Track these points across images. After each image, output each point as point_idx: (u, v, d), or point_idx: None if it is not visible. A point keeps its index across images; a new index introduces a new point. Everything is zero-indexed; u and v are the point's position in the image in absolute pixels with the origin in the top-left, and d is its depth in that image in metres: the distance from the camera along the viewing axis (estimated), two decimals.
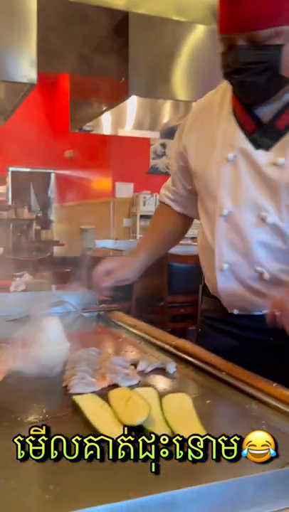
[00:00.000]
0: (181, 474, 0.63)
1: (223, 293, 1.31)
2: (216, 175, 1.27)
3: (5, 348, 1.23)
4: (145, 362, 1.13)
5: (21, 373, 1.09)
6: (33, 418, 0.86)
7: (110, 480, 0.64)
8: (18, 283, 2.04)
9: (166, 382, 1.06)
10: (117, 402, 0.86)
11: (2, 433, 0.79)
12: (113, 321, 1.66)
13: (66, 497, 0.60)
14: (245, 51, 1.10)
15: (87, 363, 1.10)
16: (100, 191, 8.50)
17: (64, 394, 0.98)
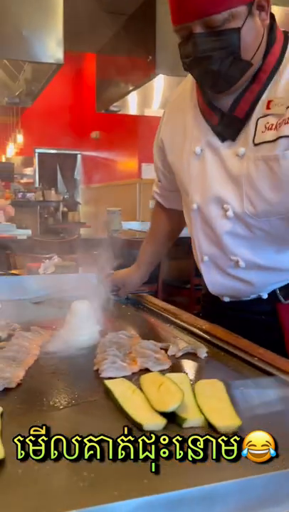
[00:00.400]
0: (213, 468, 0.62)
1: (210, 283, 1.36)
2: (186, 169, 1.29)
3: (36, 331, 1.23)
4: (176, 346, 1.12)
5: (53, 356, 1.10)
6: (65, 402, 0.86)
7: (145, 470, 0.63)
8: (47, 265, 2.05)
9: (197, 368, 1.05)
10: (149, 388, 0.85)
11: (36, 419, 0.79)
12: (142, 303, 1.66)
13: (100, 485, 0.59)
14: (203, 38, 1.05)
15: (118, 347, 1.10)
16: (126, 172, 8.47)
17: (95, 378, 0.98)
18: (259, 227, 1.20)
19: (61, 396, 0.89)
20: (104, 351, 1.07)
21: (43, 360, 1.07)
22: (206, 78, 1.15)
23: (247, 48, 1.08)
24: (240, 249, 1.24)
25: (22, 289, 1.73)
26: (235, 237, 1.24)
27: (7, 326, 1.26)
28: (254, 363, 1.04)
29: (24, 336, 1.18)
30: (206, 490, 0.55)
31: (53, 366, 1.04)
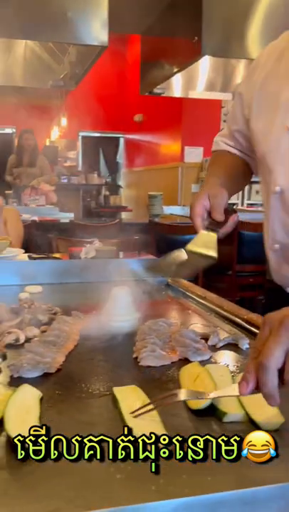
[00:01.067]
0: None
1: (275, 272, 1.28)
2: (275, 145, 1.14)
3: (76, 316, 1.24)
4: (217, 336, 1.10)
5: (92, 342, 1.10)
6: (103, 390, 0.85)
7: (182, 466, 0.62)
8: (88, 249, 2.06)
9: (238, 359, 1.02)
10: (185, 382, 0.84)
11: (74, 406, 0.79)
12: (182, 290, 1.64)
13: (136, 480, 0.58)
14: None
15: (157, 335, 1.09)
16: (169, 156, 8.39)
17: (134, 366, 0.97)
18: None
19: (100, 383, 0.88)
20: (144, 339, 1.06)
21: (82, 346, 1.07)
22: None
23: None
24: None
25: (63, 273, 1.74)
26: None
27: (48, 310, 1.27)
28: None
29: (65, 320, 1.19)
30: (248, 493, 0.53)
31: (92, 352, 1.04)
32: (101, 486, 0.57)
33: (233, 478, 0.57)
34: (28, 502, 0.54)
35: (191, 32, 4.09)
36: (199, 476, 0.58)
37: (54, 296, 1.46)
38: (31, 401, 0.76)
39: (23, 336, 1.09)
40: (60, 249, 2.76)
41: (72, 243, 2.53)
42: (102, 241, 2.22)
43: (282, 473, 0.58)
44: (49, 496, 0.55)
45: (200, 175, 7.79)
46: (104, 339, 1.12)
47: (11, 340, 1.07)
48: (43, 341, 1.04)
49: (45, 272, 1.72)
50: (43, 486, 0.57)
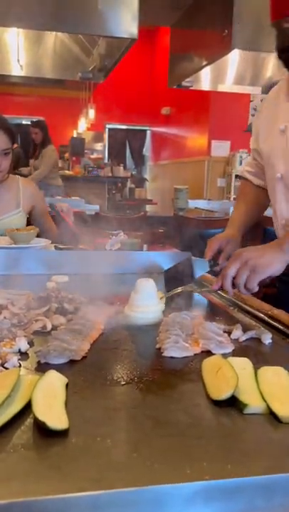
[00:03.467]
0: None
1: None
2: (274, 144, 1.50)
3: (102, 306, 1.26)
4: (240, 330, 1.11)
5: (116, 331, 1.12)
6: (127, 378, 0.87)
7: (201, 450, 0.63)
8: (113, 241, 2.08)
9: (260, 354, 1.03)
10: (208, 373, 0.86)
11: (98, 392, 0.82)
12: (205, 284, 1.64)
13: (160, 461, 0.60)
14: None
15: (180, 327, 1.10)
16: (195, 149, 8.35)
17: (157, 356, 0.99)
18: None
19: (123, 372, 0.90)
20: (167, 330, 1.07)
21: (106, 335, 1.10)
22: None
23: None
24: None
25: (89, 264, 1.76)
26: None
27: (74, 299, 1.30)
28: None
29: (90, 310, 1.21)
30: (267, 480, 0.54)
31: (116, 341, 1.06)
32: (123, 467, 0.59)
33: (253, 465, 0.58)
34: (55, 481, 0.56)
35: (221, 25, 4.05)
36: (219, 464, 0.59)
37: (80, 286, 1.48)
38: (57, 386, 0.78)
39: (50, 324, 1.12)
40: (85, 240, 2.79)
41: (98, 235, 2.56)
42: (127, 233, 2.23)
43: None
44: (74, 475, 0.57)
45: (226, 169, 7.73)
46: (128, 329, 1.14)
47: (38, 327, 1.10)
48: (69, 329, 1.06)
49: (71, 262, 1.75)
50: (69, 466, 0.59)
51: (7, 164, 2.20)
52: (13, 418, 0.69)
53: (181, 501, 0.54)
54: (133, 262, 1.81)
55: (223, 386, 0.78)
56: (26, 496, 0.52)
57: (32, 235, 2.07)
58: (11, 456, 0.61)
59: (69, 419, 0.68)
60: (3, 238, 2.08)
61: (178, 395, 0.81)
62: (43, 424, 0.66)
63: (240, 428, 0.71)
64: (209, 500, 0.54)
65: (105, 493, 0.53)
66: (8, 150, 2.17)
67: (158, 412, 0.74)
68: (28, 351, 0.98)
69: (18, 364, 0.90)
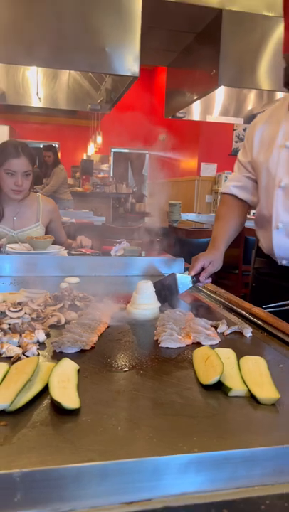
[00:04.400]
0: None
1: (276, 248, 1.48)
2: (276, 157, 1.46)
3: (107, 303, 1.26)
4: (225, 325, 1.11)
5: (120, 325, 1.12)
6: (129, 365, 0.87)
7: (193, 427, 0.64)
8: (117, 248, 2.08)
9: (242, 345, 1.03)
10: (198, 362, 0.86)
11: (105, 377, 0.82)
12: (196, 286, 1.64)
13: (157, 437, 0.60)
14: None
15: (175, 322, 1.10)
16: (187, 170, 8.36)
17: (155, 347, 0.99)
18: None
19: (126, 360, 0.91)
20: (163, 325, 1.08)
21: (112, 329, 1.10)
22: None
23: None
24: None
25: (97, 267, 1.77)
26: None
27: (84, 297, 1.30)
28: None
29: (98, 307, 1.21)
30: (248, 453, 0.54)
31: (120, 334, 1.06)
32: (126, 441, 0.59)
33: (236, 440, 0.58)
34: (68, 453, 0.56)
35: (210, 65, 4.07)
36: (207, 439, 0.60)
37: (89, 286, 1.48)
38: (70, 372, 0.78)
39: (64, 318, 1.12)
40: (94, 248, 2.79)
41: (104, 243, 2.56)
42: (129, 242, 2.24)
43: (277, 438, 0.59)
44: (85, 448, 0.57)
45: (213, 187, 7.74)
46: (130, 324, 1.14)
47: (53, 321, 1.10)
48: (80, 323, 1.06)
49: (81, 265, 1.75)
50: (80, 441, 0.59)
51: (28, 184, 2.20)
52: (32, 399, 0.70)
53: (176, 470, 0.54)
54: (134, 266, 1.81)
55: (211, 372, 0.78)
56: (45, 465, 0.52)
57: (48, 242, 2.07)
58: (31, 432, 0.61)
59: (80, 400, 0.69)
60: (24, 245, 2.08)
61: (173, 380, 0.82)
62: (58, 404, 0.66)
63: (226, 408, 0.71)
64: (200, 469, 0.54)
65: (111, 463, 0.53)
66: (29, 171, 2.17)
67: (156, 395, 0.74)
68: (45, 342, 0.98)
69: (37, 353, 0.90)
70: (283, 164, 1.44)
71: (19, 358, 0.86)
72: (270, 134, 1.50)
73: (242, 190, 1.65)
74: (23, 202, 2.26)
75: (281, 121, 1.48)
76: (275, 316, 1.19)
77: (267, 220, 1.50)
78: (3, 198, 2.21)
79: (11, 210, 2.24)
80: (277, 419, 0.64)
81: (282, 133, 1.45)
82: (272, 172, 1.47)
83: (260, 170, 1.53)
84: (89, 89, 6.10)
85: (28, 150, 2.17)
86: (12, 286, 1.54)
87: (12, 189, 2.15)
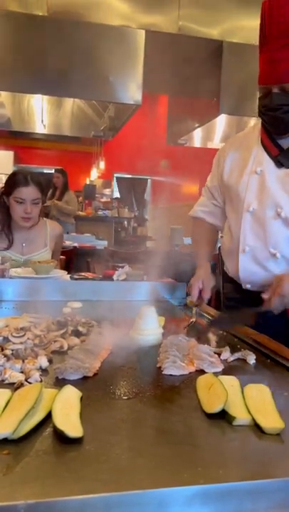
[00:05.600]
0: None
1: (242, 271, 1.49)
2: (246, 183, 1.48)
3: (110, 329, 1.26)
4: (228, 352, 1.11)
5: (123, 352, 1.11)
6: (132, 393, 0.87)
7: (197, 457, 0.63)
8: (120, 273, 2.08)
9: (246, 372, 1.03)
10: (201, 389, 0.86)
11: (108, 405, 0.81)
12: (199, 311, 1.64)
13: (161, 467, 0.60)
14: (277, 96, 1.32)
15: (178, 348, 1.09)
16: (188, 195, 8.46)
17: (158, 374, 0.98)
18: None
19: (129, 387, 0.90)
20: (166, 351, 1.07)
21: (114, 355, 1.09)
22: (275, 123, 1.39)
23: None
24: (281, 244, 1.40)
25: (99, 292, 1.77)
26: (280, 234, 1.40)
27: (87, 322, 1.30)
28: None
29: (100, 332, 1.21)
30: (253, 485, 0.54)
31: (122, 360, 1.05)
32: (130, 471, 0.59)
33: (242, 471, 0.57)
34: (72, 483, 0.56)
35: (211, 94, 4.17)
36: (212, 469, 0.59)
37: (91, 311, 1.48)
38: (73, 399, 0.78)
39: (66, 344, 1.12)
40: (96, 272, 2.80)
41: (107, 267, 2.57)
42: (131, 266, 2.24)
43: (283, 469, 0.59)
44: (88, 478, 0.57)
45: None
46: (132, 350, 1.14)
47: (56, 347, 1.10)
48: (82, 349, 1.06)
49: (84, 290, 1.76)
50: (83, 470, 0.59)
51: (37, 212, 2.24)
52: (35, 426, 0.69)
53: (181, 502, 0.53)
54: (137, 290, 1.81)
55: (215, 401, 0.78)
56: (48, 497, 0.51)
57: (51, 266, 2.08)
58: (34, 461, 0.61)
59: (83, 428, 0.68)
60: (27, 269, 2.09)
61: (176, 408, 0.81)
62: (61, 432, 0.66)
63: (230, 438, 0.70)
64: (205, 502, 0.53)
65: (115, 495, 0.53)
66: (37, 200, 2.22)
67: (159, 423, 0.74)
68: (47, 368, 0.98)
69: (40, 379, 0.90)
70: (253, 189, 1.46)
71: (22, 385, 0.85)
72: (242, 160, 1.53)
73: (209, 215, 1.71)
74: (32, 228, 2.30)
75: (252, 148, 1.51)
76: (278, 342, 1.19)
77: (234, 243, 1.52)
78: (13, 225, 2.25)
79: (21, 236, 2.28)
80: (282, 450, 0.63)
81: (253, 159, 1.48)
82: (241, 196, 1.49)
83: (229, 194, 1.56)
84: (92, 116, 6.24)
85: (36, 178, 2.22)
86: (15, 310, 1.54)
87: (21, 217, 2.20)
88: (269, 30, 1.30)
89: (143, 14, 3.83)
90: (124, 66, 3.85)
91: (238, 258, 1.49)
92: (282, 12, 1.28)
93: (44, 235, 2.35)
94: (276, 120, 1.37)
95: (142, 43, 3.82)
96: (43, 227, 2.37)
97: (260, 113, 1.42)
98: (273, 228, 1.41)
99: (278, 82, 1.30)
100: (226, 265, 1.62)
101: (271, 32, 1.29)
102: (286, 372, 1.03)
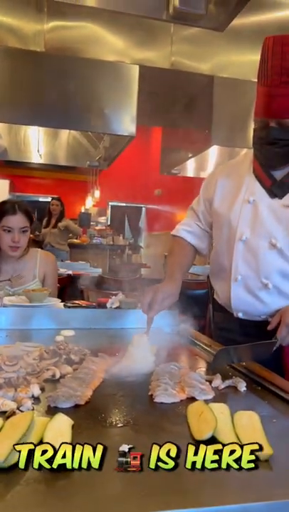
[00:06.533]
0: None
1: (234, 299, 1.49)
2: (238, 212, 1.48)
3: (102, 357, 1.27)
4: (219, 379, 1.11)
5: (115, 380, 1.12)
6: (124, 421, 0.87)
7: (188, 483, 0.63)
8: (113, 300, 2.09)
9: (237, 399, 1.03)
10: (192, 417, 0.86)
11: (99, 433, 0.82)
12: (191, 339, 1.65)
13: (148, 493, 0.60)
14: (275, 130, 1.35)
15: (169, 376, 1.10)
16: None
17: (149, 402, 0.99)
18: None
19: (120, 415, 0.90)
20: (158, 379, 1.08)
21: (106, 383, 1.09)
22: (270, 157, 1.42)
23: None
24: (273, 274, 1.41)
25: (92, 320, 1.78)
26: (272, 265, 1.40)
27: (79, 351, 1.30)
28: (287, 399, 1.01)
29: (93, 360, 1.21)
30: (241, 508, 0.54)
31: (114, 388, 1.06)
32: (119, 499, 0.59)
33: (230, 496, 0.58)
34: (62, 511, 0.56)
35: (203, 126, 4.30)
36: (202, 495, 0.59)
37: (84, 340, 1.49)
38: (65, 427, 0.78)
39: (59, 372, 1.12)
40: (90, 299, 2.81)
41: (101, 294, 2.58)
42: (125, 293, 2.25)
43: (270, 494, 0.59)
44: (77, 507, 0.57)
45: None
46: (124, 378, 1.14)
47: (48, 375, 1.10)
48: (74, 378, 1.07)
49: (77, 318, 1.76)
50: (73, 499, 0.59)
51: (25, 241, 2.24)
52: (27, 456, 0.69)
53: None
54: (130, 318, 1.82)
55: (204, 428, 0.79)
56: None
57: (45, 295, 2.08)
58: (25, 489, 0.61)
59: None
60: (21, 297, 2.10)
61: (167, 436, 0.81)
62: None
63: None
64: None
65: None
66: (26, 228, 2.22)
67: (149, 451, 0.74)
68: (39, 396, 0.98)
69: (32, 407, 0.90)
70: (246, 219, 1.46)
71: (14, 413, 0.86)
72: (233, 188, 1.53)
73: (191, 234, 1.69)
74: (21, 259, 2.28)
75: (244, 176, 1.51)
76: (270, 370, 1.20)
77: (226, 271, 1.51)
78: (1, 255, 2.25)
79: (10, 267, 2.27)
80: (270, 475, 0.64)
81: (246, 188, 1.49)
82: (233, 225, 1.48)
83: (221, 222, 1.55)
84: (88, 147, 6.38)
85: (24, 207, 2.24)
86: (8, 338, 1.54)
87: (9, 245, 2.19)
88: (271, 66, 1.30)
89: (137, 50, 3.98)
90: (119, 99, 3.98)
91: (231, 287, 1.48)
92: (287, 50, 1.28)
93: (33, 266, 2.33)
94: (272, 154, 1.39)
95: (135, 77, 3.96)
96: (33, 258, 2.34)
97: (255, 145, 1.44)
98: (266, 258, 1.41)
99: (276, 116, 1.33)
100: (217, 292, 1.62)
101: (273, 68, 1.30)
102: (276, 399, 1.04)
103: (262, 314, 1.45)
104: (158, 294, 1.41)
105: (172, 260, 1.65)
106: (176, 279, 1.53)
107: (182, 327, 1.76)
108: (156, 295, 1.41)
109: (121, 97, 3.99)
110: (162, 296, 1.42)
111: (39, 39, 3.82)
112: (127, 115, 4.02)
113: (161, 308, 1.41)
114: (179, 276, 1.55)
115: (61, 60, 3.86)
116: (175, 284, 1.50)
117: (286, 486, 0.62)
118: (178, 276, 1.54)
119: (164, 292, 1.43)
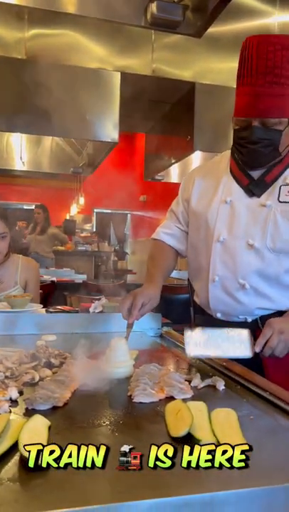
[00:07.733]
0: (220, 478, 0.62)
1: (212, 300, 1.49)
2: (215, 212, 1.48)
3: (83, 360, 1.26)
4: (198, 379, 1.12)
5: (94, 382, 1.11)
6: (102, 421, 0.87)
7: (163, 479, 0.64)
8: (96, 305, 2.09)
9: (215, 398, 1.04)
10: (169, 415, 0.87)
11: (77, 434, 0.82)
12: (173, 341, 1.66)
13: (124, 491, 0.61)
14: (258, 130, 1.34)
15: (149, 377, 1.11)
16: None
17: (128, 402, 0.99)
18: (271, 260, 1.39)
19: (99, 416, 0.90)
20: (137, 380, 1.08)
21: (85, 385, 1.08)
22: (253, 156, 1.40)
23: (283, 144, 1.37)
24: (250, 275, 1.41)
25: (74, 325, 1.77)
26: (250, 265, 1.40)
27: (60, 354, 1.30)
28: (265, 397, 1.03)
29: (73, 363, 1.21)
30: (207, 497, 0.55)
31: (93, 391, 1.05)
32: (95, 496, 0.59)
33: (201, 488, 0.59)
34: (35, 510, 0.56)
35: (185, 132, 4.34)
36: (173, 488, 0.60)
37: (65, 344, 1.48)
38: (41, 428, 0.78)
39: (38, 376, 1.12)
40: (73, 305, 2.80)
41: (84, 300, 2.57)
42: (108, 298, 2.25)
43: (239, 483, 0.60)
44: (52, 504, 0.57)
45: None
46: (104, 380, 1.13)
47: (27, 379, 1.10)
48: (53, 380, 1.06)
49: (60, 323, 1.75)
50: (48, 497, 0.59)
51: (5, 246, 2.22)
52: (1, 456, 0.69)
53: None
54: (113, 322, 1.80)
55: (181, 425, 0.79)
56: None
57: (27, 300, 2.07)
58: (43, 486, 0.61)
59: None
60: (2, 303, 2.08)
61: (145, 435, 0.82)
62: (27, 460, 0.66)
63: None
64: None
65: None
66: (5, 234, 2.20)
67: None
68: (18, 399, 0.98)
69: (9, 410, 0.90)
70: (223, 219, 1.45)
71: None
72: (210, 188, 1.52)
73: (171, 237, 1.67)
74: (1, 265, 2.26)
75: (221, 177, 1.51)
76: (249, 369, 1.21)
77: (204, 271, 1.50)
78: None
79: None
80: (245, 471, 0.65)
81: (223, 188, 1.48)
82: (211, 225, 1.48)
83: (198, 221, 1.54)
84: (71, 153, 6.38)
85: (2, 212, 2.23)
86: None
87: None
88: (256, 65, 1.30)
89: (118, 57, 4.02)
90: (101, 106, 4.00)
91: (208, 287, 1.48)
92: (272, 49, 1.29)
93: (14, 273, 2.31)
94: (255, 153, 1.38)
95: (117, 84, 3.99)
96: (14, 264, 2.32)
97: (236, 145, 1.42)
98: (243, 259, 1.41)
99: (260, 115, 1.32)
100: (196, 293, 1.62)
101: (258, 67, 1.30)
102: (254, 397, 1.05)
103: (240, 314, 1.45)
104: (138, 298, 1.39)
105: (152, 263, 1.63)
106: (156, 282, 1.51)
107: (165, 330, 1.77)
108: (136, 300, 1.39)
109: (103, 103, 4.02)
110: (142, 300, 1.40)
111: (20, 47, 3.83)
112: (110, 122, 4.04)
113: (141, 313, 1.40)
114: (159, 279, 1.53)
115: (43, 67, 3.87)
116: (155, 287, 1.49)
117: (258, 479, 0.63)
118: (158, 280, 1.53)
119: (144, 296, 1.41)
